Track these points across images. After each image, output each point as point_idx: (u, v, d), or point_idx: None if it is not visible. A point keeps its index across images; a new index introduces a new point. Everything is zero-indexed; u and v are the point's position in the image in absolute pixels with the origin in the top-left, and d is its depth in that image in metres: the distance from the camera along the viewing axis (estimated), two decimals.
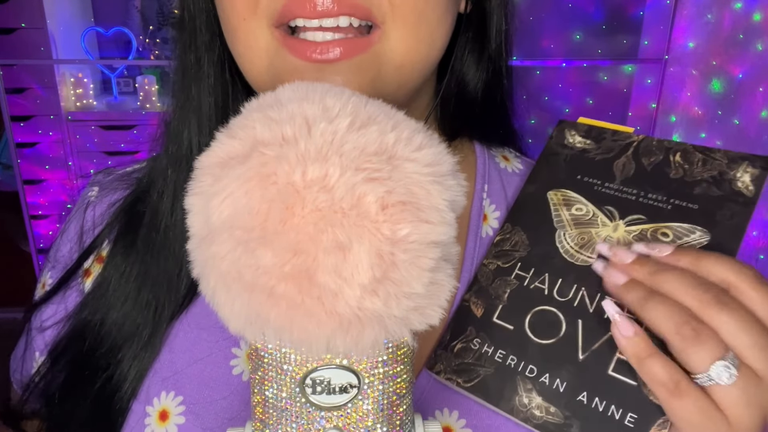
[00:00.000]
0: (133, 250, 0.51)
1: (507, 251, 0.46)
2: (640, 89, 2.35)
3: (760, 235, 1.79)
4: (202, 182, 0.29)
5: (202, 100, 0.49)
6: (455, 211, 0.29)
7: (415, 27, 0.42)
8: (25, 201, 2.30)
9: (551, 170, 0.48)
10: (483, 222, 0.51)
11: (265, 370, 0.30)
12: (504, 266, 0.46)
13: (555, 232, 0.45)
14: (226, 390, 0.46)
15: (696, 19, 2.04)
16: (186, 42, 0.50)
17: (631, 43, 2.35)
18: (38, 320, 0.55)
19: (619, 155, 0.47)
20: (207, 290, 0.29)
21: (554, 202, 0.47)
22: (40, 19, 2.19)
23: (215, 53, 0.49)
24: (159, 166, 0.52)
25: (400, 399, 0.31)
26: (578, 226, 0.45)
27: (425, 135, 0.30)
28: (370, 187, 0.27)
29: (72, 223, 0.57)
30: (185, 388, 0.47)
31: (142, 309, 0.49)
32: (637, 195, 0.44)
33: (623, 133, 0.48)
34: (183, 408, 0.46)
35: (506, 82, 0.55)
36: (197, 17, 0.49)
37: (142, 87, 2.36)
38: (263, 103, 0.31)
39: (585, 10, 2.36)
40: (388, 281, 0.27)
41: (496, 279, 0.46)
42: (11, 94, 2.22)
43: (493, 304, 0.45)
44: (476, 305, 0.45)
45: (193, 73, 0.49)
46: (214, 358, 0.47)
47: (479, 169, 0.54)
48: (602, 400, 0.39)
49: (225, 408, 0.46)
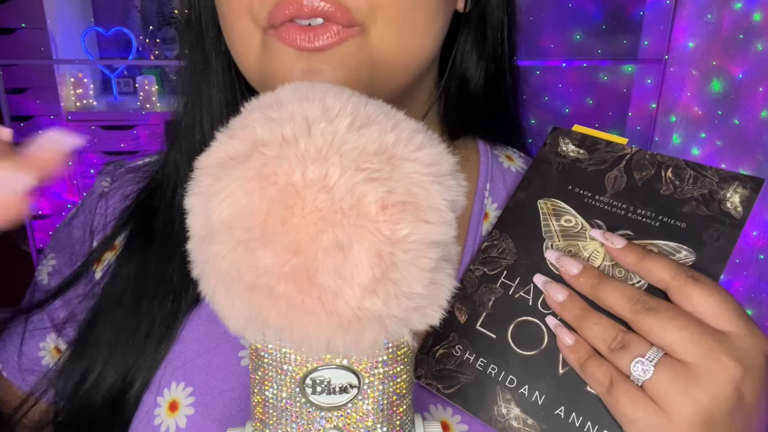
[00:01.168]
0: (149, 246, 0.51)
1: (494, 258, 0.46)
2: (640, 89, 2.35)
3: (760, 235, 1.79)
4: (202, 182, 0.29)
5: (213, 96, 0.50)
6: (455, 211, 0.29)
7: (400, 27, 0.42)
8: None
9: (543, 178, 0.48)
10: (484, 220, 0.52)
11: (265, 370, 0.30)
12: (490, 273, 0.46)
13: (543, 243, 0.45)
14: (234, 381, 0.47)
15: (696, 19, 2.04)
16: (193, 40, 0.50)
17: (631, 43, 2.35)
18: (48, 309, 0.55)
19: (611, 167, 0.46)
20: (207, 290, 0.29)
21: (544, 211, 0.47)
22: (40, 19, 2.18)
23: (221, 49, 0.49)
24: (172, 162, 0.52)
25: (400, 399, 0.31)
26: (566, 238, 0.45)
27: (425, 135, 0.30)
28: (370, 187, 0.27)
29: (83, 211, 0.57)
30: (194, 378, 0.47)
31: (160, 303, 0.49)
32: (627, 210, 0.44)
33: (617, 145, 0.48)
34: (192, 399, 0.47)
35: (510, 80, 0.55)
36: (203, 14, 0.50)
37: (142, 87, 2.36)
38: (263, 103, 0.31)
39: (585, 10, 2.36)
40: (388, 281, 0.27)
41: (482, 286, 0.45)
42: (11, 94, 2.21)
43: (477, 311, 0.44)
44: (460, 311, 0.45)
45: (202, 70, 0.50)
46: (222, 349, 0.48)
47: (482, 168, 0.54)
48: (579, 416, 0.39)
49: (233, 399, 0.46)
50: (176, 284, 0.49)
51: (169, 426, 0.46)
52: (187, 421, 0.46)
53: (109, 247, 0.54)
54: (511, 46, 0.54)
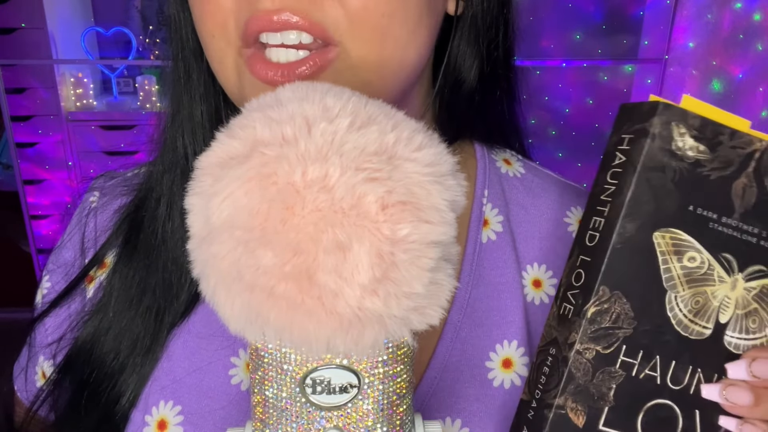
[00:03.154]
0: (134, 258, 0.51)
1: (607, 330, 0.35)
2: (640, 89, 2.35)
3: None
4: (202, 182, 0.29)
5: (194, 108, 0.49)
6: (455, 211, 0.29)
7: (380, 43, 0.40)
8: (25, 201, 2.30)
9: (657, 197, 0.35)
10: (483, 227, 0.51)
11: (265, 370, 0.30)
12: (605, 352, 0.35)
13: (665, 295, 0.35)
14: (224, 400, 0.46)
15: (696, 19, 2.04)
16: (174, 52, 0.49)
17: (631, 43, 2.35)
18: (42, 327, 0.55)
19: (738, 173, 0.35)
20: (207, 290, 0.29)
21: (662, 249, 0.35)
22: (40, 19, 2.19)
23: (203, 62, 0.48)
24: (155, 173, 0.52)
25: (400, 399, 0.31)
26: (691, 284, 0.35)
27: (425, 135, 0.30)
28: (370, 187, 0.27)
29: (73, 229, 0.57)
30: (184, 397, 0.47)
31: (143, 316, 0.49)
32: (759, 235, 0.35)
33: (743, 136, 0.35)
34: (181, 418, 0.46)
35: (505, 83, 0.54)
36: (183, 27, 0.48)
37: (142, 87, 2.36)
38: (263, 103, 0.31)
39: (585, 10, 2.36)
40: (388, 281, 0.26)
41: (597, 372, 0.35)
42: (11, 94, 2.21)
43: (598, 408, 0.35)
44: (575, 412, 0.35)
45: (183, 82, 0.49)
46: (213, 367, 0.47)
47: (479, 173, 0.53)
48: None
49: (223, 418, 0.46)
50: (159, 297, 0.49)
51: None
52: None
53: (98, 264, 0.54)
54: (507, 47, 0.52)
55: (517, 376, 0.47)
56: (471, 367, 0.47)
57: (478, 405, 0.46)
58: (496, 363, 0.47)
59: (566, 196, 0.54)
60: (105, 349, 0.50)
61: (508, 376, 0.47)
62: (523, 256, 0.51)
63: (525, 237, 0.51)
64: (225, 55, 0.42)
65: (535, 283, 0.50)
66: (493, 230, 0.51)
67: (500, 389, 0.47)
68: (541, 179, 0.55)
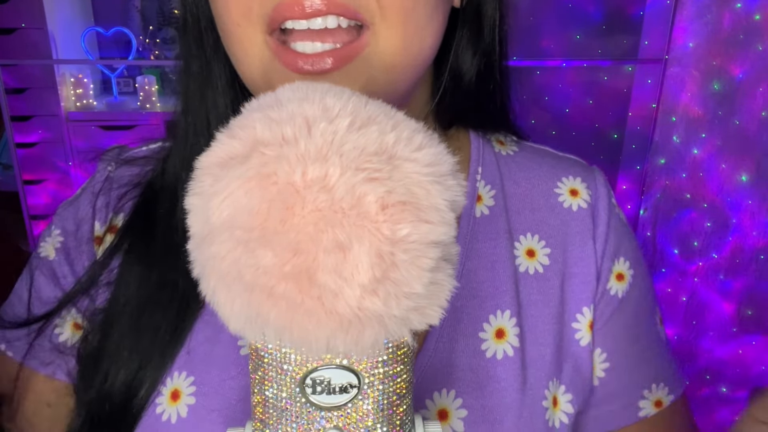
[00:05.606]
0: (150, 256, 0.51)
1: None
2: (640, 89, 2.35)
3: (760, 235, 1.79)
4: (202, 182, 0.29)
5: (218, 100, 0.50)
6: (455, 211, 0.29)
7: (404, 26, 0.42)
8: (25, 201, 2.30)
9: None
10: (477, 203, 0.52)
11: (265, 370, 0.30)
12: None
13: None
14: (234, 370, 0.47)
15: (696, 19, 2.04)
16: (191, 47, 0.50)
17: (631, 43, 2.35)
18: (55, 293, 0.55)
19: None
20: (207, 290, 0.29)
21: None
22: (40, 19, 2.18)
23: (221, 54, 0.49)
24: (172, 169, 0.52)
25: (400, 399, 0.31)
26: None
27: (425, 135, 0.30)
28: (370, 187, 0.27)
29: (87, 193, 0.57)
30: (196, 368, 0.48)
31: (164, 311, 0.49)
32: None
33: None
34: (194, 389, 0.47)
35: (498, 77, 0.55)
36: (202, 20, 0.49)
37: (142, 87, 2.36)
38: (263, 103, 0.31)
39: (585, 10, 2.36)
40: (388, 281, 0.26)
41: None
42: (11, 94, 2.21)
43: None
44: None
45: (204, 77, 0.50)
46: (222, 338, 0.48)
47: (473, 153, 0.55)
48: None
49: (233, 388, 0.47)
50: (181, 290, 0.49)
51: (171, 415, 0.46)
52: (188, 410, 0.46)
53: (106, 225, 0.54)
54: (501, 42, 0.54)
55: (509, 347, 0.49)
56: (465, 338, 0.48)
57: (472, 375, 0.47)
58: (489, 334, 0.49)
59: (559, 168, 0.56)
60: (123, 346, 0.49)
61: (501, 347, 0.49)
62: (515, 227, 0.53)
63: (517, 209, 0.53)
64: (252, 44, 0.43)
65: (529, 253, 0.52)
66: (486, 205, 0.52)
67: (493, 360, 0.48)
68: (534, 154, 0.58)
